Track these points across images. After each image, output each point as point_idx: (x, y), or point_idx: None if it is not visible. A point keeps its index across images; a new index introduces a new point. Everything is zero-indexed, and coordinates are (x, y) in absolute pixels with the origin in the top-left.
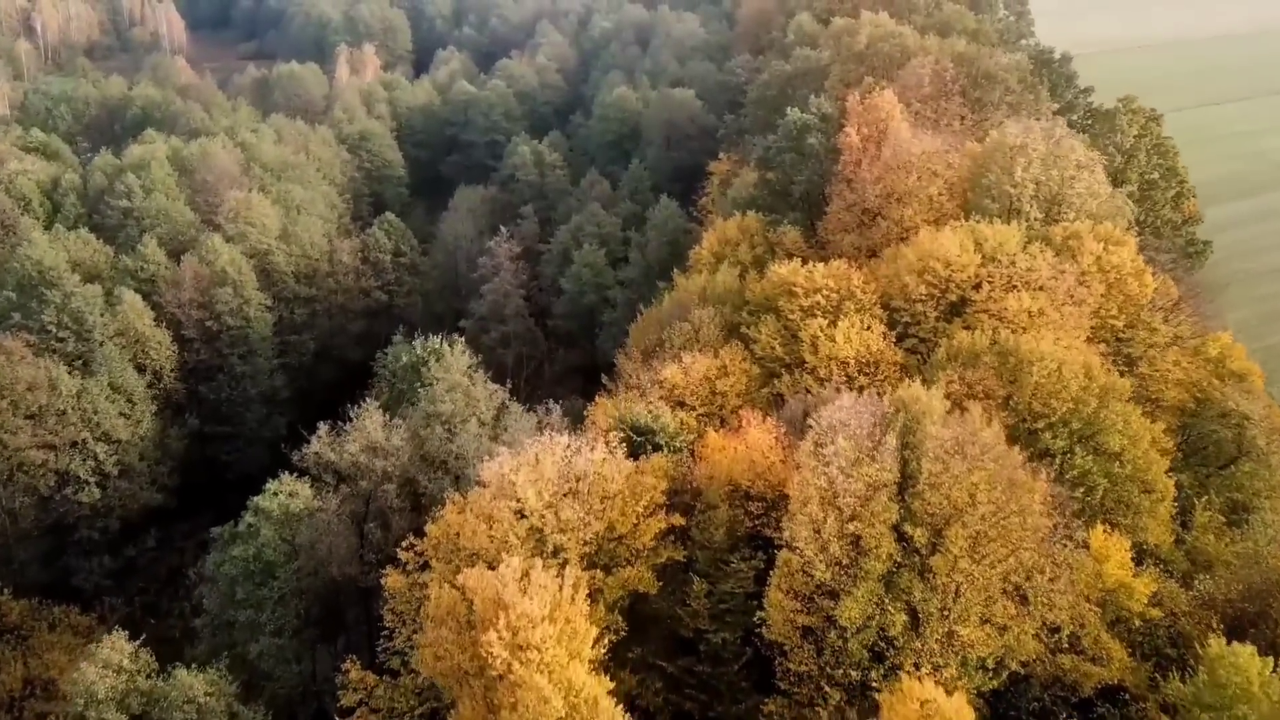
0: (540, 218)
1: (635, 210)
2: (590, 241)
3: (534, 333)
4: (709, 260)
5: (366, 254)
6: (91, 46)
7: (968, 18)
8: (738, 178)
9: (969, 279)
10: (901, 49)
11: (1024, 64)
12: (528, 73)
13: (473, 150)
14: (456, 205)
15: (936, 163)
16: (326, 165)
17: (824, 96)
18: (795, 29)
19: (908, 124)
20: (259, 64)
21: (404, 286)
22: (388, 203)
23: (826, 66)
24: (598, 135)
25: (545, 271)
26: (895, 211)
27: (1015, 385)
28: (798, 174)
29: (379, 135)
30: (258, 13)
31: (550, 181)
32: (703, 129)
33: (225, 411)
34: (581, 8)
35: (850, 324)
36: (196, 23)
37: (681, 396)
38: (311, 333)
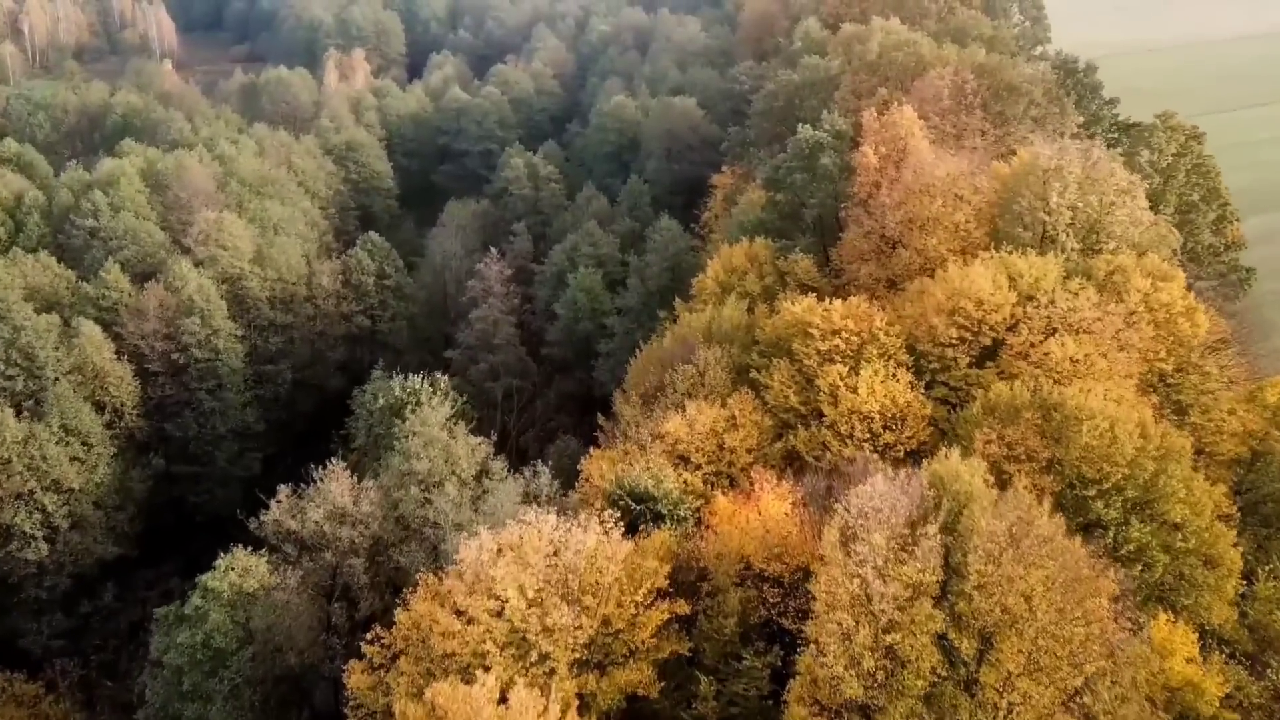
0: (534, 233)
1: (634, 228)
2: (586, 263)
3: (525, 362)
4: (714, 290)
5: (348, 276)
6: (81, 49)
7: (984, 24)
8: (743, 195)
9: (1003, 320)
10: (917, 58)
11: (1048, 75)
12: (523, 79)
13: (466, 160)
14: (445, 222)
15: (962, 187)
16: (310, 178)
17: (836, 111)
18: (802, 36)
19: (928, 142)
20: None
21: (388, 311)
22: (376, 215)
23: (836, 76)
24: (595, 146)
25: (539, 294)
26: (918, 240)
27: (1061, 445)
28: (810, 196)
29: (366, 145)
30: (250, 15)
31: (545, 196)
32: (705, 139)
33: (193, 450)
34: (579, 10)
35: (873, 372)
36: (190, 24)
37: (686, 452)
38: (288, 361)
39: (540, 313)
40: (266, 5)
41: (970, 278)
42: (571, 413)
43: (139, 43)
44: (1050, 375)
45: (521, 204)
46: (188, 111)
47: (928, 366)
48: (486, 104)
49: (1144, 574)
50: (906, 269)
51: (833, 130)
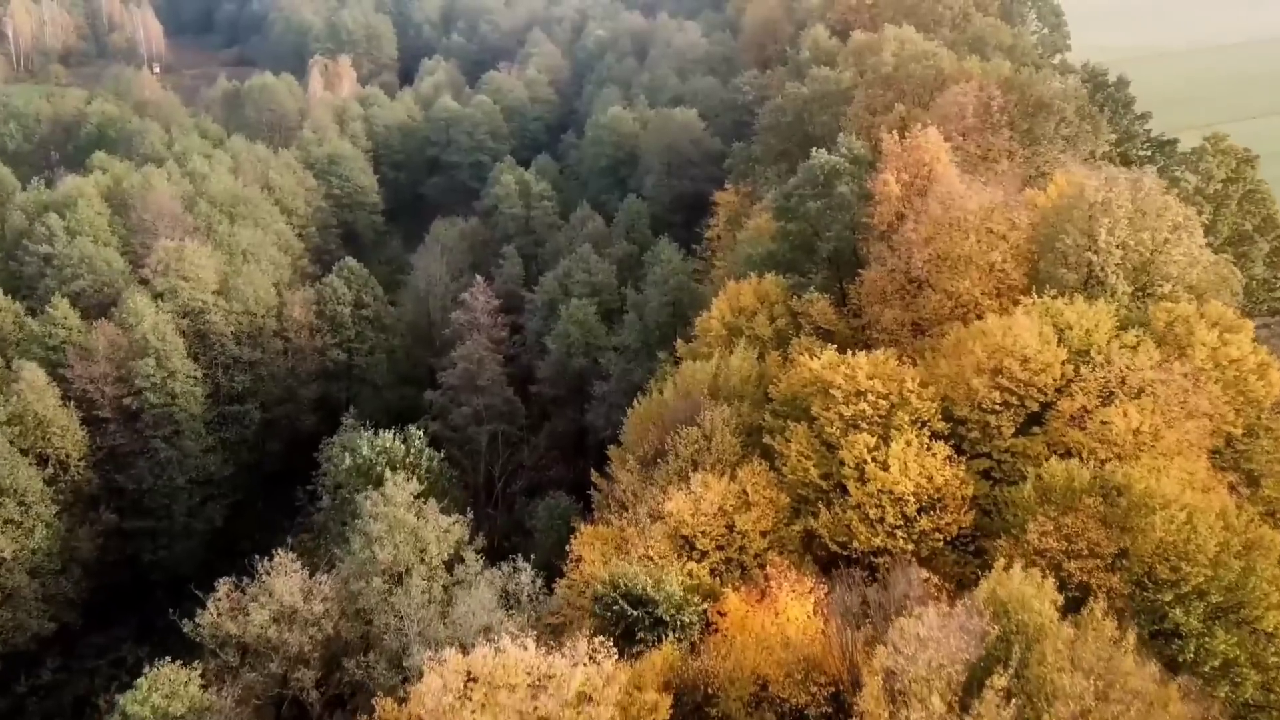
0: (526, 254)
1: (632, 251)
2: (580, 292)
3: (513, 404)
4: (719, 333)
5: (322, 307)
6: (68, 52)
7: (1003, 32)
8: (748, 217)
9: (1053, 382)
10: (936, 72)
11: (1080, 91)
12: (516, 87)
13: (456, 172)
14: (430, 244)
15: (998, 221)
16: (288, 194)
17: (849, 128)
18: (811, 45)
19: (955, 167)
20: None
21: (366, 343)
22: (359, 232)
23: (848, 90)
24: (591, 160)
25: (529, 324)
26: (948, 281)
27: (1128, 536)
28: (825, 228)
29: (350, 159)
30: (240, 18)
31: (537, 215)
32: (706, 153)
33: (148, 503)
34: (576, 14)
35: (906, 445)
36: (180, 27)
37: (691, 535)
38: (256, 401)
39: (531, 345)
40: (257, 8)
41: (1014, 332)
42: (564, 456)
43: (126, 46)
44: (1110, 449)
45: (512, 223)
46: (165, 121)
47: (967, 435)
48: (478, 114)
49: (1231, 693)
50: (935, 313)
51: (850, 154)
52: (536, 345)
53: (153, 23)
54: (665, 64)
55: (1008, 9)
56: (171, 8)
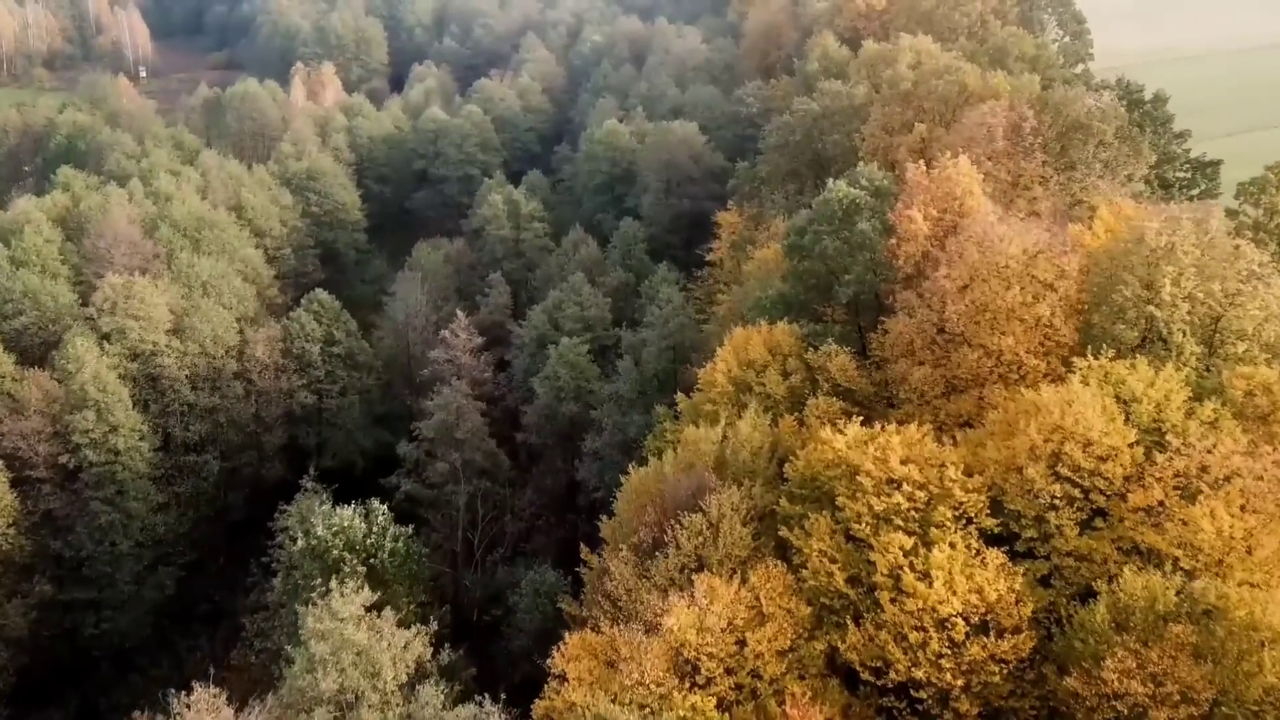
0: (515, 279)
1: (627, 280)
2: (571, 327)
3: (496, 457)
4: (724, 388)
5: (289, 344)
6: (52, 56)
7: (1026, 42)
8: (755, 244)
9: (1123, 471)
10: (960, 88)
11: (1120, 111)
12: (509, 95)
13: (444, 186)
14: (410, 271)
15: (1044, 268)
16: (262, 214)
17: (869, 155)
18: (819, 55)
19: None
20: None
21: (337, 384)
22: (340, 252)
23: (862, 106)
24: (585, 176)
25: (516, 363)
26: (988, 337)
27: (1225, 672)
28: (844, 269)
29: (329, 173)
30: (229, 21)
31: (527, 237)
32: (708, 170)
33: (88, 572)
34: (571, 18)
35: (951, 551)
36: (170, 29)
37: (695, 656)
38: (214, 450)
39: (517, 385)
40: (247, 10)
41: (1075, 409)
42: (552, 515)
43: (112, 49)
44: (1195, 557)
45: (500, 246)
46: (138, 132)
47: (1021, 533)
48: (467, 125)
49: None
50: (972, 373)
51: (871, 186)
52: (523, 386)
53: (139, 25)
54: (664, 72)
55: (1026, 15)
56: (161, 9)
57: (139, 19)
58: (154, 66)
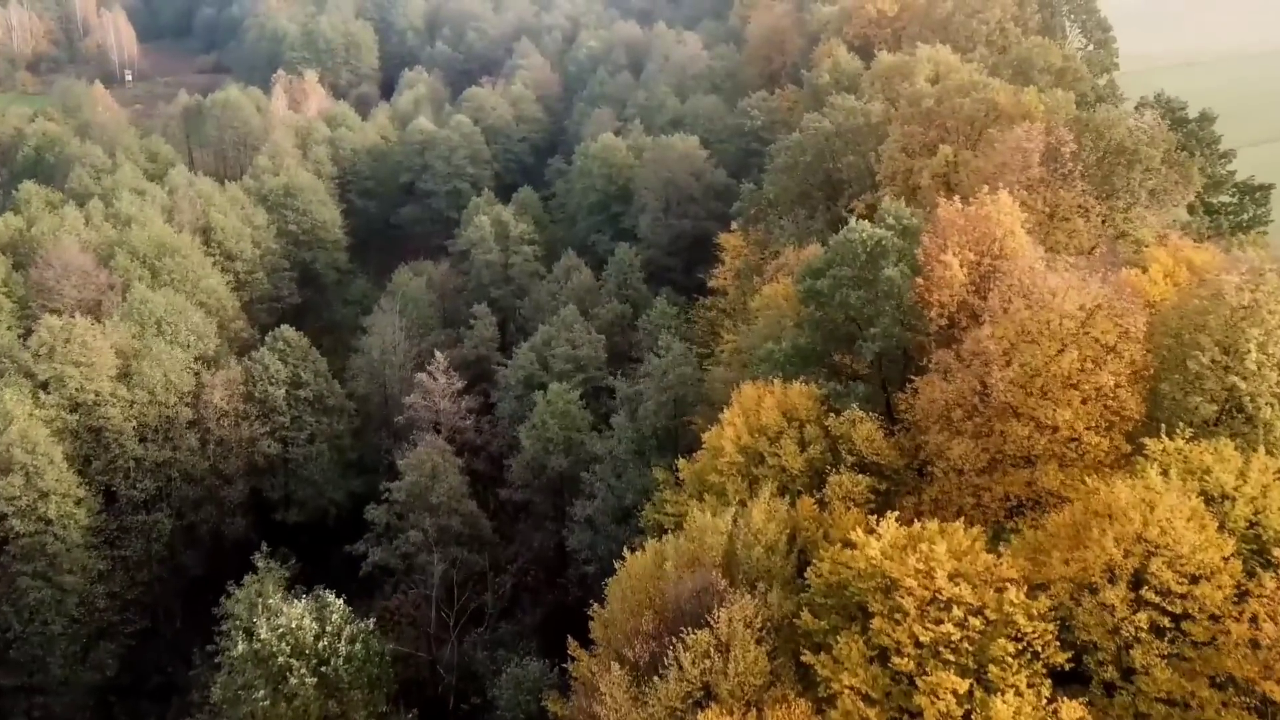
0: (504, 307)
1: (623, 312)
2: (562, 368)
3: (476, 521)
4: (733, 458)
5: (251, 388)
6: (37, 59)
7: (1053, 52)
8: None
9: (1223, 594)
10: (989, 107)
11: (1168, 134)
12: (500, 104)
13: (431, 200)
14: (388, 302)
15: (1106, 329)
16: (232, 235)
17: (889, 182)
18: (830, 67)
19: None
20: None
21: (305, 430)
22: (319, 273)
23: (879, 125)
24: (579, 194)
25: (501, 407)
26: (1041, 409)
27: None
28: (868, 321)
29: (308, 189)
30: (218, 23)
31: (517, 262)
32: (709, 187)
33: (16, 655)
34: (567, 22)
35: (1017, 699)
36: (159, 31)
37: None
38: (166, 508)
39: (503, 432)
40: (236, 12)
41: (1158, 514)
42: (540, 573)
43: (97, 53)
44: None
45: (487, 271)
46: (109, 144)
47: (1100, 672)
48: (455, 137)
49: None
50: (1023, 449)
51: (898, 225)
52: (509, 432)
53: (125, 28)
54: (662, 80)
55: (1048, 23)
56: (150, 11)
57: (125, 21)
58: (140, 70)
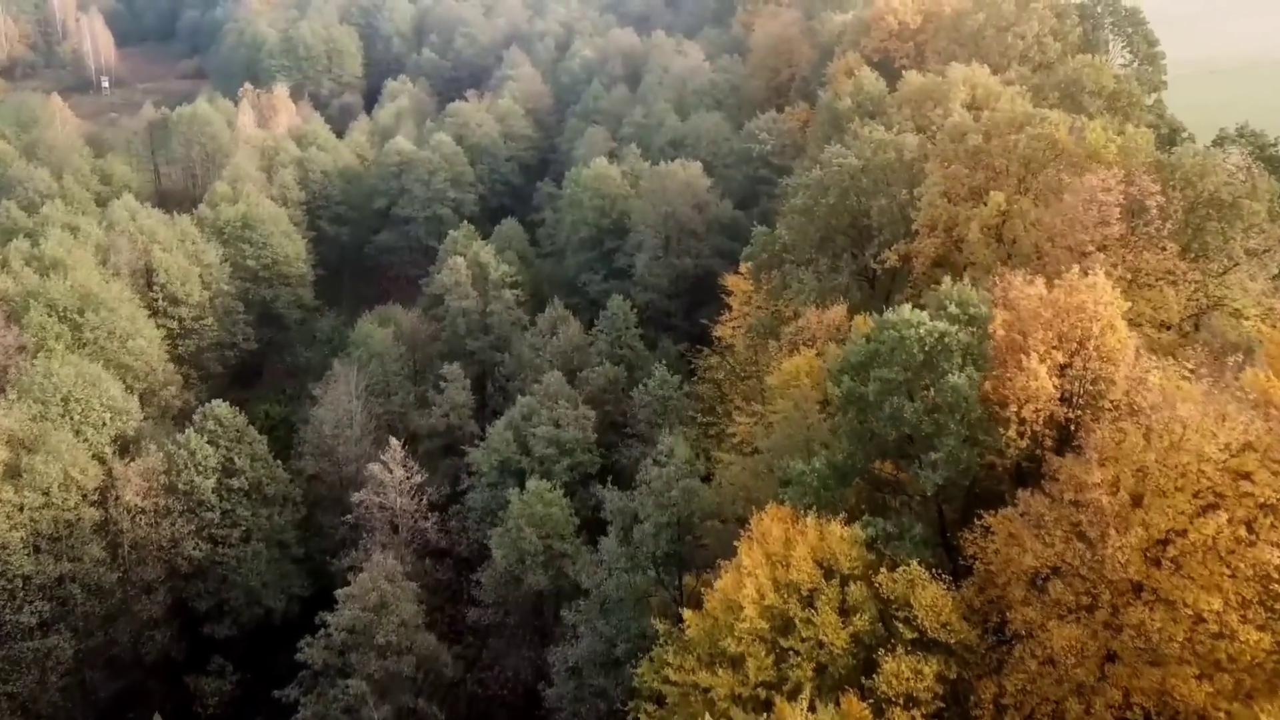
0: (481, 361)
1: (616, 376)
2: (544, 453)
3: (434, 656)
4: (754, 623)
5: (174, 477)
6: (13, 64)
7: (1103, 72)
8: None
9: None
10: (1047, 144)
11: (1270, 182)
12: (486, 121)
13: (409, 227)
14: (343, 364)
15: (1262, 478)
16: (179, 277)
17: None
18: (852, 88)
19: (1133, 334)
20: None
21: (239, 527)
22: (280, 315)
23: (914, 162)
24: (568, 228)
25: (472, 498)
26: (1178, 588)
27: None
28: (927, 441)
29: (269, 220)
30: (201, 25)
31: (497, 310)
32: (714, 221)
33: None
34: (560, 29)
35: None
36: (143, 34)
37: None
38: (67, 630)
39: (474, 528)
40: (220, 14)
41: None
42: (513, 708)
43: (73, 58)
44: None
45: (463, 321)
46: (58, 164)
47: None
48: (435, 158)
49: None
50: (1153, 642)
51: (962, 310)
52: (481, 532)
53: (102, 32)
54: (661, 94)
55: (1089, 37)
56: (133, 13)
57: (102, 25)
58: (119, 75)
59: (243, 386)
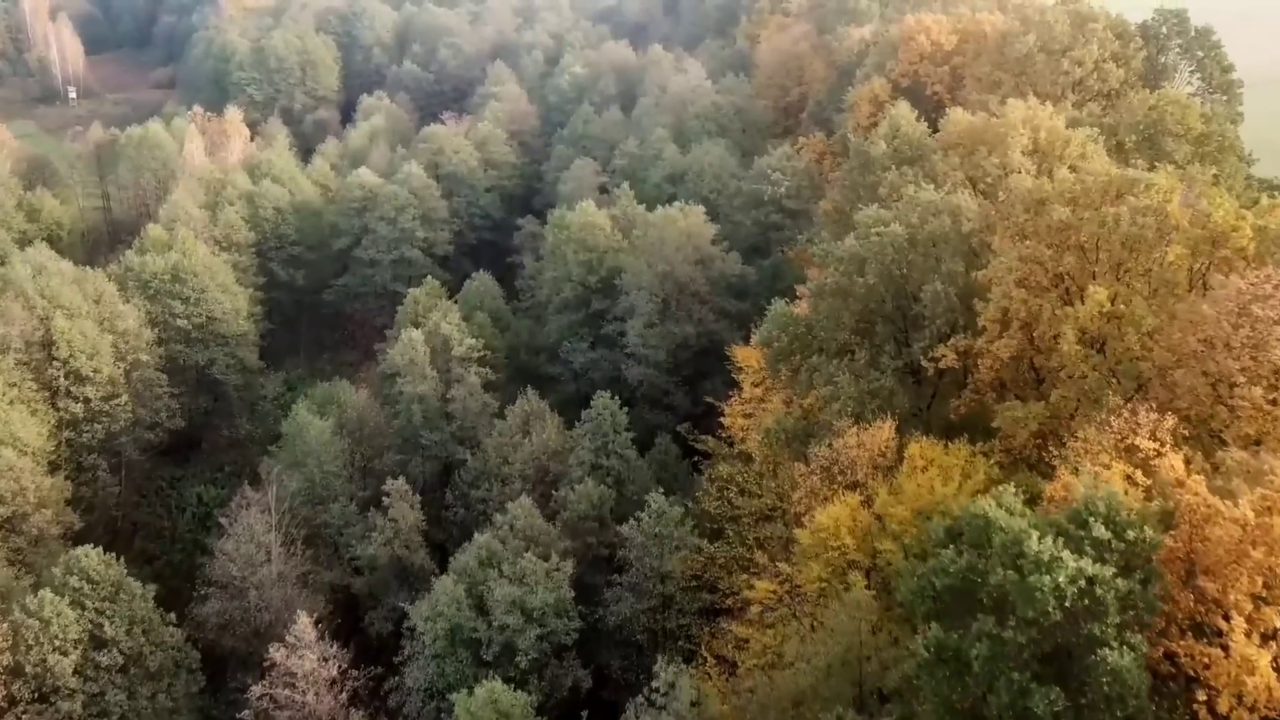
0: (437, 458)
1: (601, 498)
2: (506, 621)
3: None
4: None
5: (23, 656)
6: None
7: (1190, 110)
8: (816, 495)
9: None
10: (1160, 220)
11: None
12: (464, 147)
13: (374, 272)
14: (255, 492)
15: None
16: (83, 349)
17: (992, 314)
18: (887, 129)
19: None
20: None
21: (110, 717)
22: (216, 381)
23: (971, 234)
24: (550, 284)
25: (411, 673)
26: None
27: None
28: None
29: (203, 272)
30: (176, 32)
31: (459, 396)
32: (719, 278)
33: None
34: (550, 40)
35: None
36: (118, 40)
37: None
38: None
39: (415, 714)
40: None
41: None
42: None
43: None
44: None
45: (420, 409)
46: None
47: None
48: (403, 193)
49: None
50: None
51: (1115, 533)
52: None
53: (70, 40)
54: (658, 118)
55: (1153, 62)
56: (109, 19)
57: (70, 34)
58: (88, 85)
59: (176, 462)
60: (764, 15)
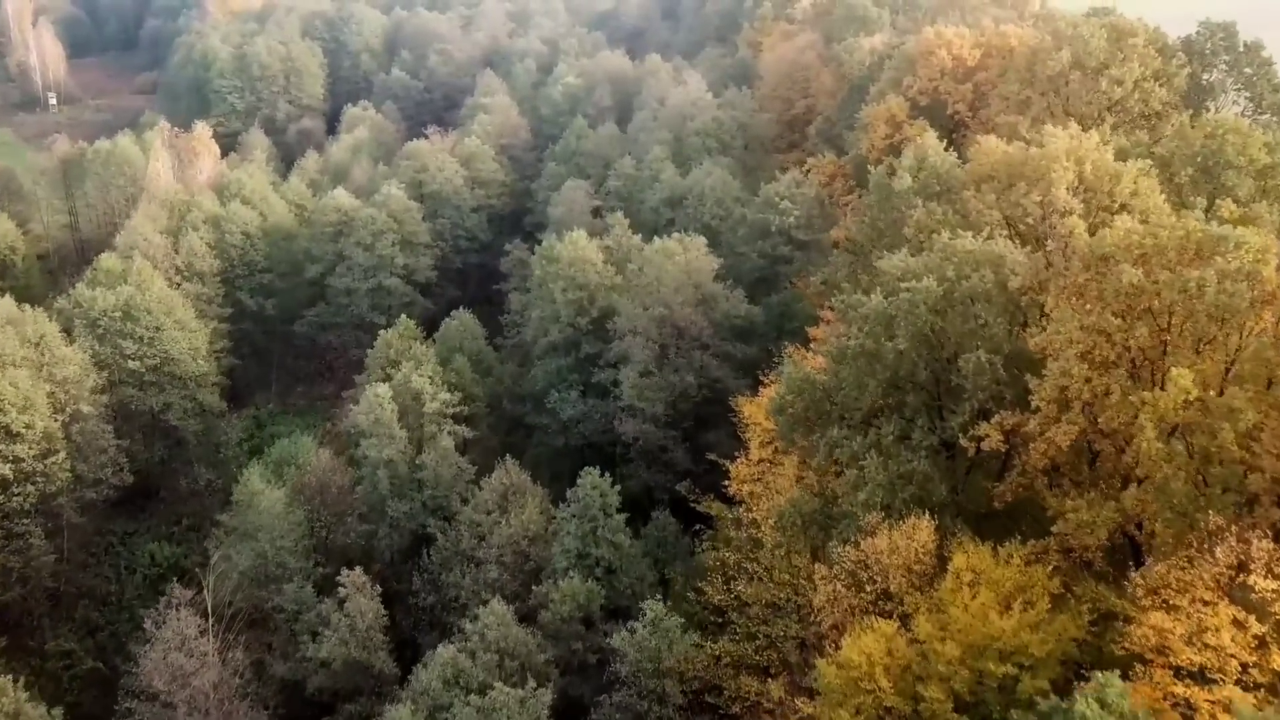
0: (409, 530)
1: (589, 593)
2: None
3: None
4: None
5: None
6: None
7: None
8: (846, 639)
9: None
10: (1251, 284)
11: None
12: (449, 164)
13: (349, 302)
14: (184, 592)
15: None
16: (17, 403)
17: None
18: (912, 161)
19: None
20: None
21: None
22: (172, 429)
23: (1018, 293)
24: (537, 326)
25: None
26: None
27: None
28: None
29: (156, 309)
30: (162, 36)
31: (429, 463)
32: (723, 320)
33: None
34: (543, 47)
35: None
36: (104, 43)
37: None
38: None
39: None
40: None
41: None
42: None
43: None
44: None
45: (386, 474)
46: None
47: None
48: (381, 217)
49: None
50: None
51: None
52: None
53: (52, 45)
54: (656, 134)
55: (1197, 79)
56: (95, 22)
57: (52, 38)
58: (70, 90)
59: (130, 514)
60: (767, 22)
